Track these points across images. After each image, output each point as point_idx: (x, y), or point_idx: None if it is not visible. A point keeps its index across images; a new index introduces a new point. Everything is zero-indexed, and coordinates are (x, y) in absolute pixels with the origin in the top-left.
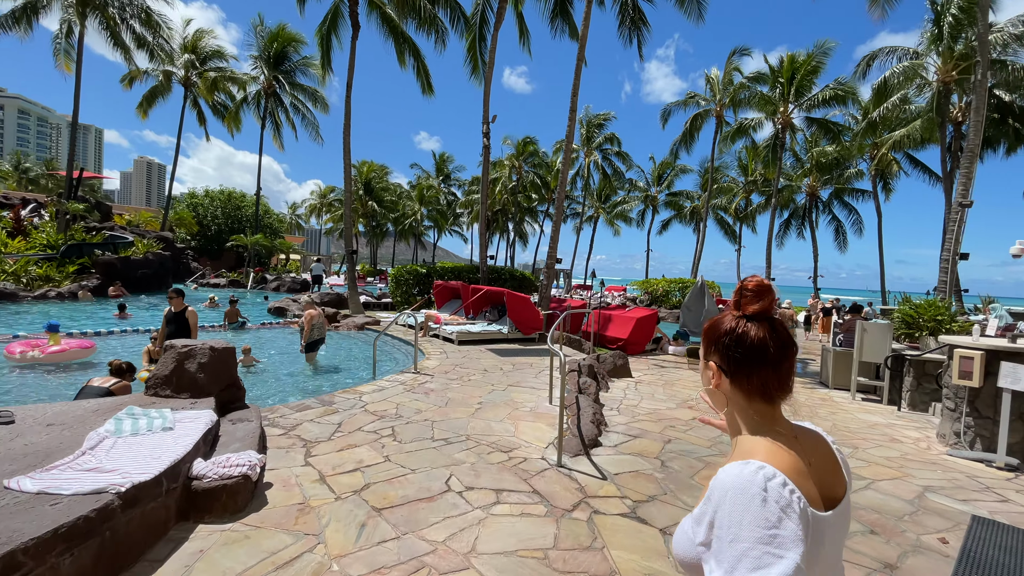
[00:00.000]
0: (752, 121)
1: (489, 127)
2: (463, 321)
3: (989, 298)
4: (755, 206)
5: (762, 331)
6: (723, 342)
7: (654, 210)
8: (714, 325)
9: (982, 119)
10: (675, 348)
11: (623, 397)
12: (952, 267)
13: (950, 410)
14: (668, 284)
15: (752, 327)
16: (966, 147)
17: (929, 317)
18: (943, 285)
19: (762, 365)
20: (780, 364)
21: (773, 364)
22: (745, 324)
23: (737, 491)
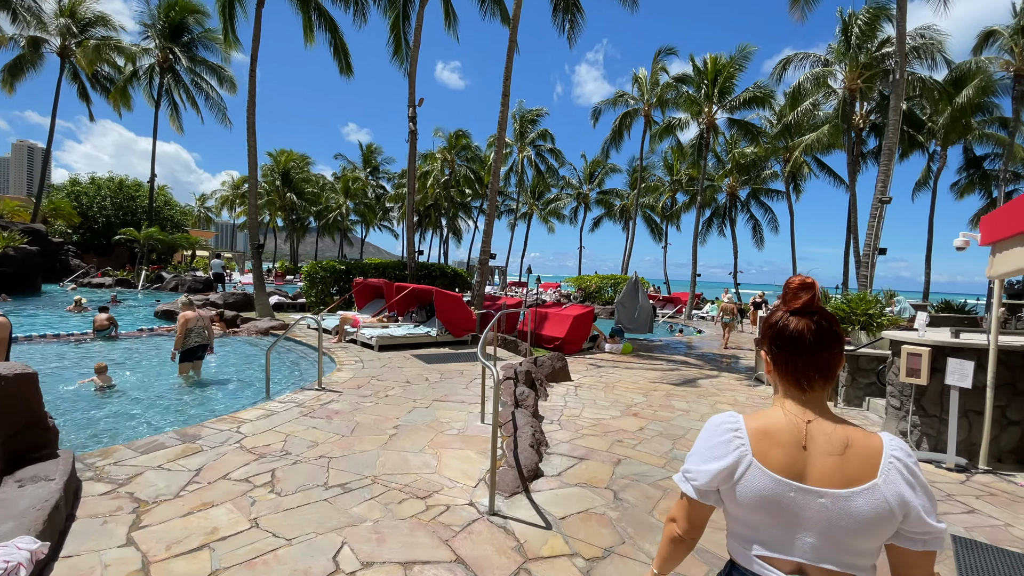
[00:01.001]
0: (679, 121)
1: (415, 111)
2: (386, 323)
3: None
4: (680, 205)
5: (802, 324)
6: (769, 333)
7: (586, 208)
8: (767, 319)
9: (899, 118)
10: (611, 346)
11: (564, 406)
12: (872, 261)
13: (895, 408)
14: (601, 280)
15: (793, 320)
16: (884, 145)
17: (861, 312)
18: (864, 280)
19: (798, 354)
20: (816, 354)
21: (809, 353)
22: (787, 318)
23: (706, 426)
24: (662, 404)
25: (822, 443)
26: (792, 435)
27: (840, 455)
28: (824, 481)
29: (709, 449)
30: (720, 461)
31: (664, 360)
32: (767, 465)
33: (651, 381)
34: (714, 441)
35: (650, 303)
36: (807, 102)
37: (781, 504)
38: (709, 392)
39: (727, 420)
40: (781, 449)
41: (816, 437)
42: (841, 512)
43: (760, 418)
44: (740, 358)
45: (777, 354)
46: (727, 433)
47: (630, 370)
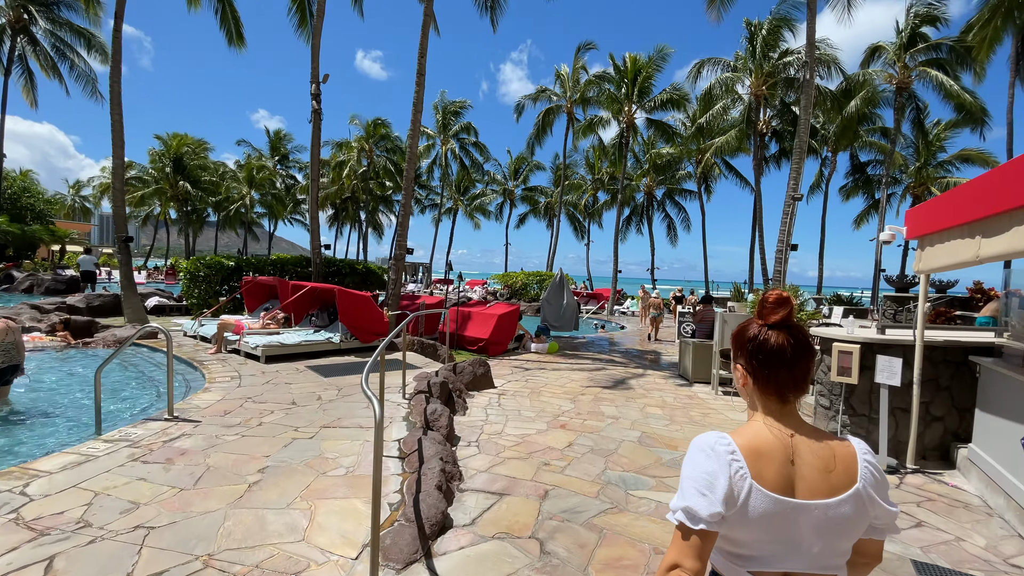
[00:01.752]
0: (600, 119)
1: (319, 88)
2: (278, 329)
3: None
4: (601, 203)
5: (781, 338)
6: (748, 348)
7: (511, 204)
8: (741, 332)
9: (809, 117)
10: (537, 345)
11: (484, 421)
12: (784, 257)
13: (824, 408)
14: (527, 277)
15: (772, 335)
16: (796, 143)
17: None
18: (778, 275)
19: (780, 367)
20: (795, 367)
21: (789, 367)
22: (767, 332)
23: (696, 448)
24: (591, 411)
25: (807, 456)
26: (781, 451)
27: (824, 467)
28: (813, 493)
29: (709, 475)
30: (723, 484)
31: (590, 359)
32: (764, 485)
33: (578, 384)
34: (712, 466)
35: (575, 300)
36: (718, 106)
37: (778, 522)
38: (637, 394)
39: (720, 442)
40: (773, 467)
41: (801, 451)
42: (831, 521)
43: (747, 436)
44: (662, 353)
45: (757, 369)
46: (725, 456)
47: (557, 371)
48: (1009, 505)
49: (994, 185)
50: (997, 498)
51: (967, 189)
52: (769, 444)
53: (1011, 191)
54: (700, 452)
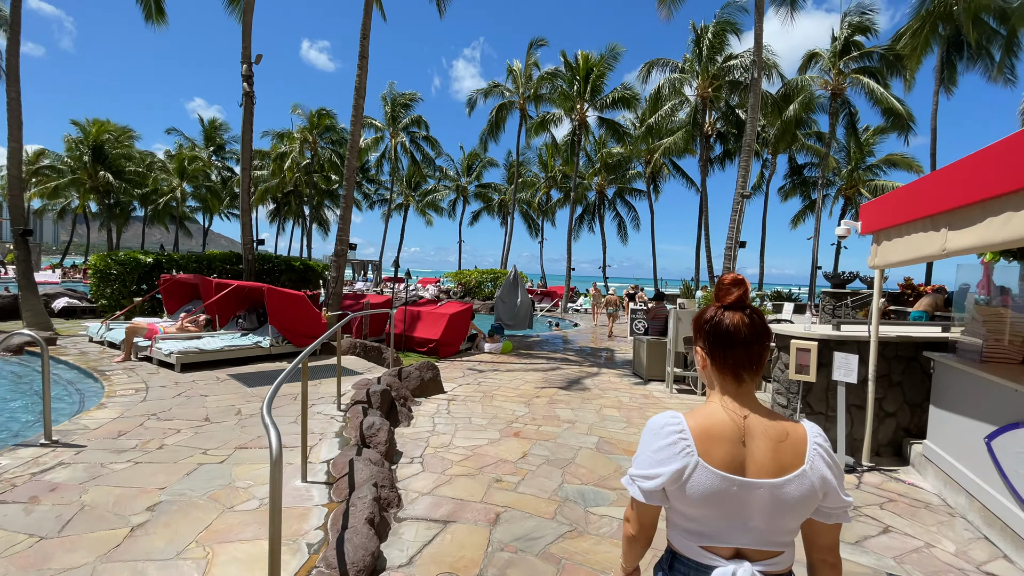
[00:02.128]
0: (553, 116)
1: (251, 69)
2: (198, 333)
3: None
4: (555, 201)
5: (736, 318)
6: (705, 328)
7: (465, 201)
8: (699, 315)
9: (757, 115)
10: (491, 345)
11: (431, 431)
12: (734, 254)
13: (782, 407)
14: (480, 275)
15: (728, 315)
16: (744, 141)
17: None
18: (727, 272)
19: (736, 347)
20: (751, 347)
21: (745, 345)
22: (723, 313)
23: (648, 426)
24: (546, 415)
25: (758, 438)
26: (732, 431)
27: (775, 447)
28: (761, 472)
29: (656, 452)
30: (668, 464)
31: (544, 358)
32: (711, 463)
33: (533, 385)
34: (659, 444)
35: (529, 298)
36: (666, 107)
37: (725, 499)
38: (593, 395)
39: (670, 422)
40: (723, 446)
41: (753, 431)
42: (777, 499)
43: (701, 416)
44: (616, 350)
45: (714, 349)
46: (672, 435)
47: (511, 373)
48: (971, 505)
49: (964, 175)
50: (958, 497)
51: (931, 181)
52: (722, 424)
53: (985, 180)
54: (651, 432)
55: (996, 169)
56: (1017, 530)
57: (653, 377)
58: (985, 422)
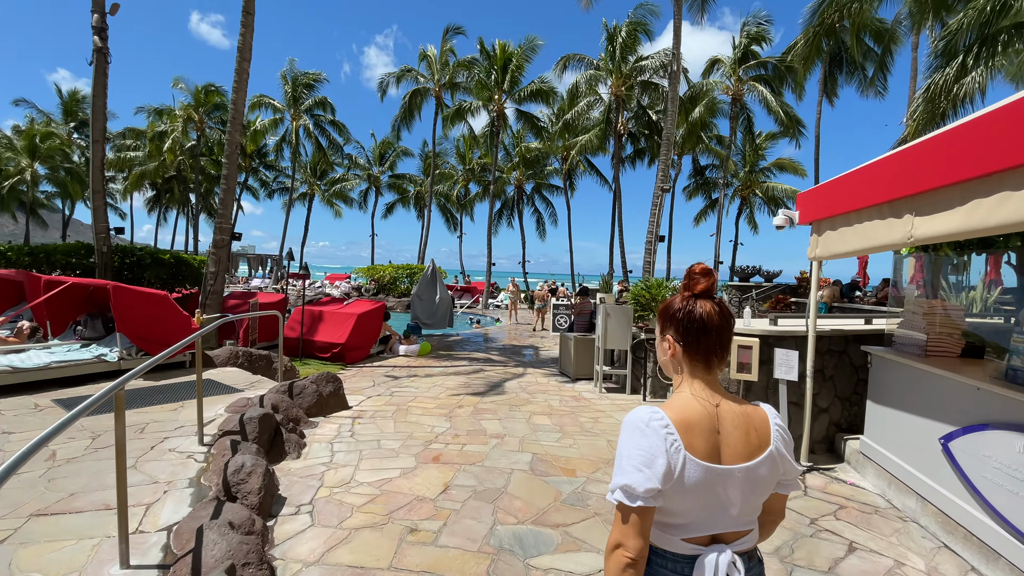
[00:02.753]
0: (470, 105)
1: (105, 20)
2: (20, 344)
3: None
4: (473, 195)
5: (708, 307)
6: (678, 317)
7: (377, 192)
8: (669, 305)
9: (676, 108)
10: (407, 347)
11: (328, 463)
12: (653, 248)
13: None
14: (396, 270)
15: (700, 303)
16: (664, 134)
17: (663, 297)
18: (648, 266)
19: (708, 334)
20: (721, 334)
21: (717, 333)
22: (695, 302)
23: (630, 423)
24: (471, 430)
25: (729, 425)
26: (708, 421)
27: (745, 432)
28: (736, 458)
29: (646, 451)
30: (661, 460)
31: (466, 359)
32: (695, 455)
33: (454, 392)
34: (648, 441)
35: (449, 294)
36: (582, 103)
37: (708, 489)
38: (521, 400)
39: (654, 417)
40: (702, 437)
41: (725, 420)
42: (751, 481)
43: (678, 409)
44: (540, 347)
45: (687, 337)
46: (661, 431)
47: (430, 378)
48: (924, 509)
49: (936, 155)
50: (906, 499)
51: (891, 163)
52: (698, 415)
53: (971, 158)
54: (635, 429)
55: (991, 144)
56: (986, 540)
57: (581, 376)
58: (939, 421)
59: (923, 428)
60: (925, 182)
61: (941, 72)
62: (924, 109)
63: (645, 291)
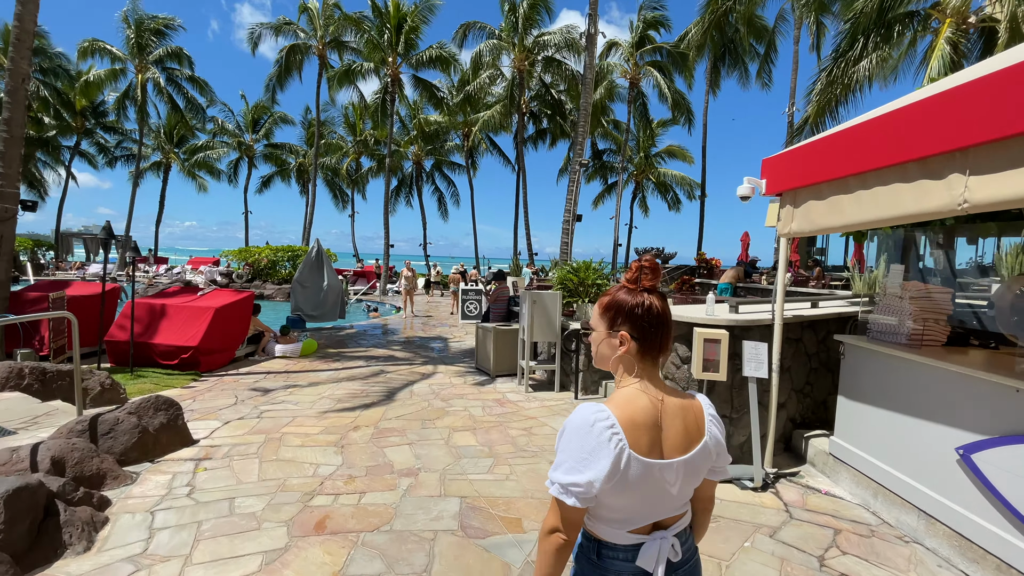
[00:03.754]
0: (360, 67)
1: None
2: None
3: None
4: (366, 169)
5: (660, 302)
6: (636, 313)
7: (251, 163)
8: (620, 300)
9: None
10: (285, 347)
11: (142, 551)
12: (571, 229)
13: None
14: (274, 253)
15: (653, 299)
16: (581, 104)
17: (591, 282)
18: (565, 247)
19: (660, 329)
20: (669, 328)
21: (666, 328)
22: (648, 297)
23: (574, 424)
24: (371, 466)
25: (671, 419)
26: (652, 416)
27: (684, 425)
28: (675, 451)
29: (590, 452)
30: (604, 462)
31: (362, 358)
32: (639, 452)
33: (347, 405)
34: (593, 442)
35: (339, 280)
36: (485, 75)
37: (650, 483)
38: (434, 409)
39: (600, 417)
40: (646, 433)
41: (667, 414)
42: (688, 471)
43: (624, 406)
44: (449, 338)
45: (644, 333)
46: (605, 431)
47: (314, 388)
48: (932, 529)
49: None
50: (903, 515)
51: (923, 111)
52: (644, 412)
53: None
54: (580, 430)
55: None
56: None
57: (502, 372)
58: (955, 427)
59: (929, 433)
60: (989, 129)
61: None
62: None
63: (572, 275)
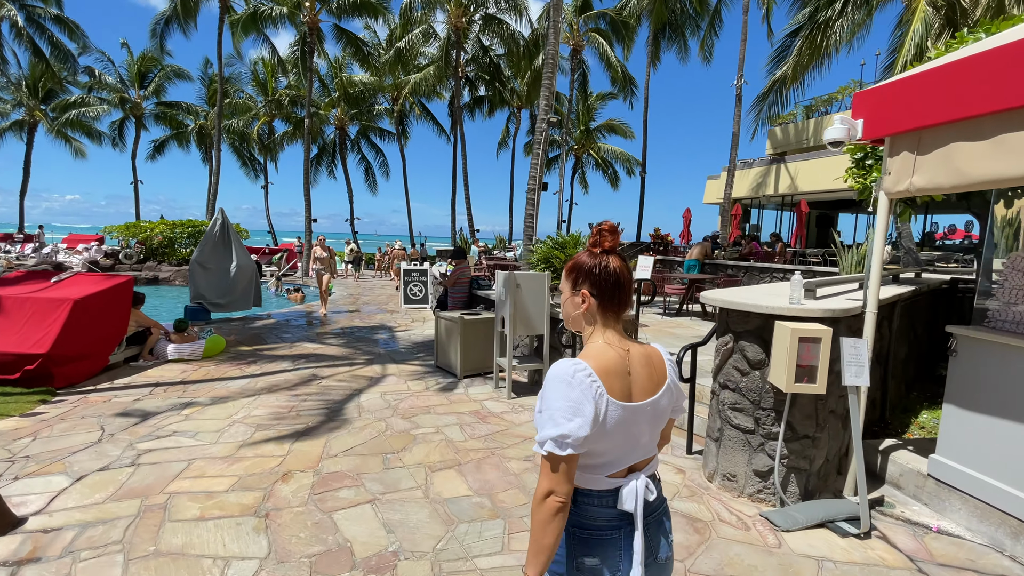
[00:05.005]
0: (271, 12)
1: None
2: None
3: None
4: (280, 134)
5: (618, 262)
6: (595, 272)
7: (140, 124)
8: (580, 262)
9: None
10: (181, 347)
11: None
12: (537, 198)
13: (745, 431)
14: (170, 228)
15: (612, 259)
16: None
17: None
18: (531, 219)
19: (620, 288)
20: (629, 286)
21: (627, 286)
22: (607, 258)
23: (556, 377)
24: (318, 557)
25: (637, 366)
26: (621, 365)
27: (648, 371)
28: (644, 394)
29: (575, 402)
30: (588, 407)
31: (287, 358)
32: (614, 397)
33: (269, 435)
34: (576, 393)
35: (252, 259)
36: (417, 30)
37: (625, 426)
38: (396, 435)
39: (579, 369)
40: (619, 380)
41: (634, 362)
42: (656, 413)
43: (597, 358)
44: (391, 327)
45: (604, 291)
46: (586, 380)
47: (221, 407)
48: None
49: None
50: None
51: None
52: (614, 361)
53: None
54: (562, 383)
55: None
56: None
57: (470, 372)
58: None
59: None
60: None
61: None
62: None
63: (558, 251)
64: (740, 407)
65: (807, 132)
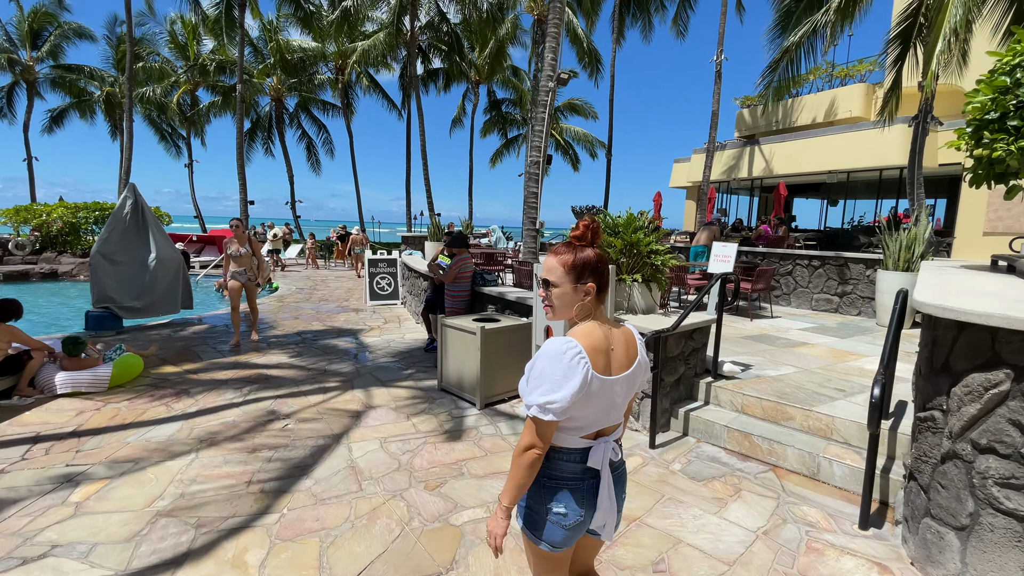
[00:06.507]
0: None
1: None
2: None
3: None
4: (205, 105)
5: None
6: (598, 267)
7: (32, 90)
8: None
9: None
10: (76, 376)
11: None
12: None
13: (1000, 511)
14: (72, 212)
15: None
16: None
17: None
18: (533, 196)
19: (607, 276)
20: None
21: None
22: (600, 251)
23: (548, 353)
24: None
25: (616, 344)
26: (605, 342)
27: (625, 348)
28: (621, 368)
29: (563, 375)
30: (574, 381)
31: (232, 384)
32: (598, 371)
33: (221, 545)
34: (565, 368)
35: (177, 250)
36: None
37: (604, 396)
38: (431, 534)
39: (570, 346)
40: (602, 356)
41: (614, 341)
42: (628, 385)
43: (586, 336)
44: (359, 330)
45: (601, 280)
46: (575, 357)
47: (137, 478)
48: None
49: None
50: None
51: None
52: (599, 339)
53: None
54: (552, 358)
55: None
56: None
57: (494, 399)
58: None
59: None
60: None
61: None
62: None
63: (612, 238)
64: (1019, 483)
65: (777, 115)
